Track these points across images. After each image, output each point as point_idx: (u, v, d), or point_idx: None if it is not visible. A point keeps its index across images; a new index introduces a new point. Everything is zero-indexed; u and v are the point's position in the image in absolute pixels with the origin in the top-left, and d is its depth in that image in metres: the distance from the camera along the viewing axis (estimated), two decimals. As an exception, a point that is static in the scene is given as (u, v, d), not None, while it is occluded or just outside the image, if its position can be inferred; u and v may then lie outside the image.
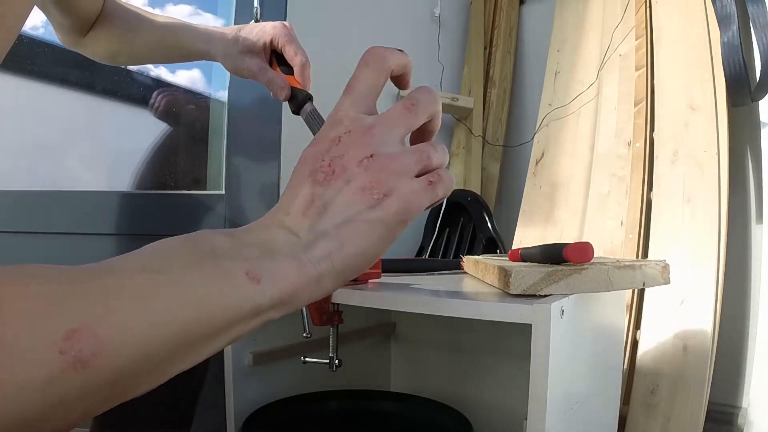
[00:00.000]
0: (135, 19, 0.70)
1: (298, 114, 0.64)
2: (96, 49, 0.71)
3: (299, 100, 0.63)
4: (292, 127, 0.99)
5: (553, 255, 0.50)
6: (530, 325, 0.40)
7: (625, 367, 1.00)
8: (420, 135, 0.36)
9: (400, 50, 0.36)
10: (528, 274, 0.44)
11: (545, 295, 0.44)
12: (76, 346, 0.22)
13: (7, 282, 0.23)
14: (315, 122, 0.62)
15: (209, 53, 0.68)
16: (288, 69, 0.66)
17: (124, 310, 0.24)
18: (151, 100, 1.03)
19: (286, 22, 0.68)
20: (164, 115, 1.04)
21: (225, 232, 0.30)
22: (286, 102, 0.65)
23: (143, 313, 0.24)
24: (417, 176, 0.32)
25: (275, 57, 0.68)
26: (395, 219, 0.31)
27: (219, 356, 0.66)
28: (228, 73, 1.00)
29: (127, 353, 0.24)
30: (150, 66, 1.04)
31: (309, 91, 0.65)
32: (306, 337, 0.65)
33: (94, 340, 0.23)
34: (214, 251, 0.28)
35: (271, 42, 0.66)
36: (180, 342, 0.26)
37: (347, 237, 0.30)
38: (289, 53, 0.66)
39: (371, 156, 0.31)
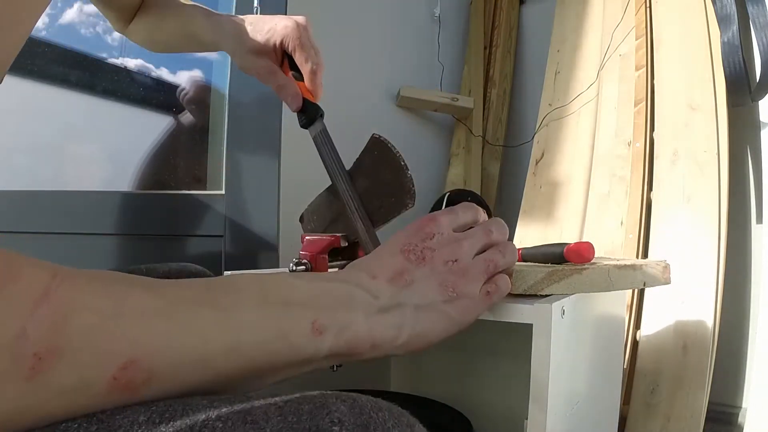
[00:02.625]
0: (165, 6, 0.68)
1: (305, 128, 0.60)
2: (138, 36, 0.71)
3: (310, 115, 0.59)
4: (292, 126, 0.99)
5: (554, 255, 0.50)
6: (531, 325, 0.40)
7: (625, 367, 1.00)
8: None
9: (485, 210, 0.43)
10: (528, 274, 0.44)
11: (546, 295, 0.44)
12: (130, 375, 0.24)
13: (84, 289, 0.24)
14: (323, 144, 0.58)
15: (218, 46, 0.65)
16: (300, 74, 0.61)
17: (183, 347, 0.25)
18: (180, 87, 1.02)
19: (300, 19, 0.61)
20: (192, 102, 1.03)
21: (305, 276, 0.33)
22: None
23: (202, 352, 0.26)
24: (487, 278, 0.38)
25: (288, 59, 0.62)
26: (458, 317, 0.36)
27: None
28: (228, 74, 1.00)
29: (174, 386, 0.25)
30: (151, 66, 1.04)
31: (319, 102, 0.60)
32: None
33: (147, 374, 0.24)
34: (287, 296, 0.30)
35: (282, 42, 0.60)
36: (230, 378, 0.27)
37: (422, 317, 0.34)
38: (300, 59, 0.60)
39: (455, 261, 0.37)
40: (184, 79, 1.06)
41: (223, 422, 0.22)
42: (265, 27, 0.61)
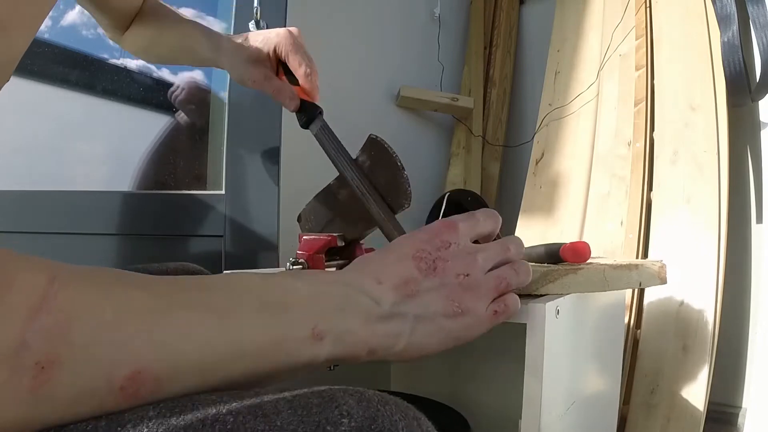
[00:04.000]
0: (164, 19, 0.70)
1: (306, 128, 0.62)
2: (133, 46, 0.72)
3: (309, 114, 0.61)
4: (293, 126, 0.99)
5: (550, 255, 0.50)
6: (525, 324, 0.40)
7: (625, 367, 1.00)
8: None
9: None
10: (524, 273, 0.44)
11: (541, 295, 0.44)
12: (137, 384, 0.24)
13: (82, 293, 0.23)
14: (327, 138, 0.59)
15: (216, 62, 0.67)
16: (295, 79, 0.63)
17: (186, 354, 0.25)
18: (172, 88, 1.03)
19: (293, 29, 0.64)
20: (184, 103, 1.03)
21: (307, 277, 0.32)
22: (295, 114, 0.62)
23: (205, 357, 0.26)
24: (496, 296, 0.37)
25: (282, 66, 0.64)
26: (459, 333, 0.36)
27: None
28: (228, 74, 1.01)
29: (178, 389, 0.25)
30: (153, 67, 1.04)
31: (317, 102, 0.62)
32: None
33: (154, 384, 0.24)
34: (286, 300, 0.30)
35: (275, 50, 0.63)
36: (231, 380, 0.28)
37: (420, 329, 0.34)
38: (293, 63, 0.62)
39: (467, 275, 0.36)
40: (182, 79, 1.06)
41: (233, 416, 0.22)
42: (259, 38, 0.64)
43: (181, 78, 1.05)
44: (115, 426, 0.22)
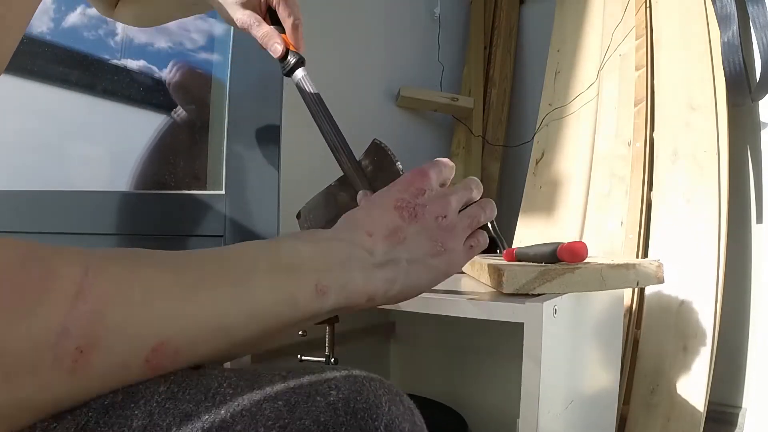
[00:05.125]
0: None
1: (288, 76, 0.63)
2: (126, 16, 0.73)
3: (292, 63, 0.62)
4: (293, 126, 0.99)
5: (548, 254, 0.50)
6: (522, 323, 0.40)
7: (625, 367, 1.00)
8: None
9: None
10: (520, 273, 0.44)
11: (538, 294, 0.44)
12: (160, 356, 0.26)
13: (113, 279, 0.26)
14: (307, 88, 0.61)
15: (206, 2, 0.67)
16: (282, 28, 0.64)
17: (205, 323, 0.28)
18: (166, 71, 1.02)
19: None
20: (178, 87, 1.03)
21: (309, 238, 0.36)
22: (280, 63, 0.63)
23: (221, 325, 0.29)
24: (470, 232, 0.41)
25: (270, 13, 0.65)
26: (444, 269, 0.39)
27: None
28: (228, 73, 1.00)
29: (195, 357, 0.28)
30: (154, 68, 1.04)
31: (302, 54, 0.63)
32: (302, 336, 0.65)
33: (174, 353, 0.27)
34: (293, 261, 0.33)
35: None
36: (245, 343, 0.30)
37: (412, 271, 0.37)
38: (282, 13, 0.64)
39: (444, 217, 0.40)
40: (172, 65, 1.05)
41: (233, 389, 0.25)
42: None
43: (175, 64, 1.04)
44: (128, 402, 0.25)
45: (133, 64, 1.03)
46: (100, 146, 1.05)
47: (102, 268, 0.25)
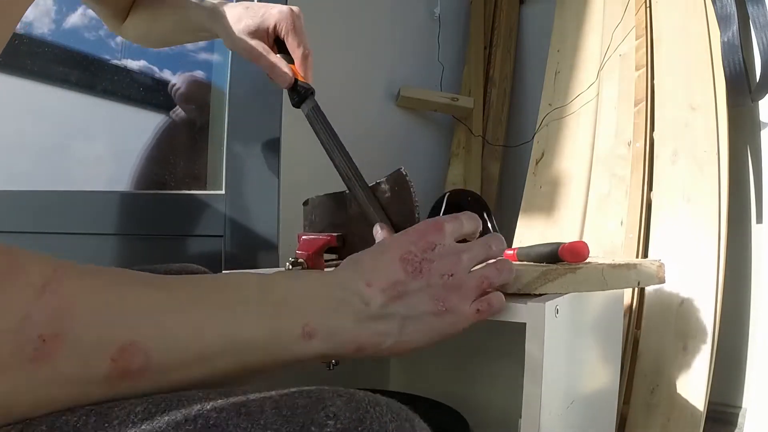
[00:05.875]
0: (159, 1, 0.71)
1: (298, 107, 0.63)
2: (133, 33, 0.73)
3: (302, 94, 0.62)
4: (293, 126, 0.99)
5: (549, 254, 0.50)
6: (524, 324, 0.40)
7: (625, 367, 1.00)
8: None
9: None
10: (522, 273, 0.44)
11: (540, 294, 0.44)
12: (127, 357, 0.24)
13: (86, 280, 0.25)
14: (317, 119, 0.60)
15: (212, 30, 0.67)
16: (290, 57, 0.64)
17: (180, 339, 0.26)
18: (172, 82, 1.02)
19: (295, 8, 0.65)
20: (184, 98, 1.03)
21: (302, 278, 0.34)
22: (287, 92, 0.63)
23: (198, 346, 0.27)
24: (479, 294, 0.39)
25: (277, 43, 0.65)
26: (444, 330, 0.37)
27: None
28: (228, 74, 1.00)
29: (171, 379, 0.26)
30: (155, 68, 1.04)
31: (311, 84, 0.63)
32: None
33: (144, 359, 0.25)
34: (281, 298, 0.31)
35: (275, 27, 0.64)
36: (224, 375, 0.29)
37: (408, 328, 0.36)
38: (292, 44, 0.63)
39: (451, 275, 0.37)
40: (182, 76, 1.06)
41: (217, 413, 0.23)
42: (260, 11, 0.64)
43: (182, 75, 1.05)
44: (102, 422, 0.23)
45: (134, 64, 1.03)
46: (101, 146, 1.04)
47: (73, 271, 0.25)
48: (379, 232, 0.52)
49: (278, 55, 0.63)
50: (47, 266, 0.24)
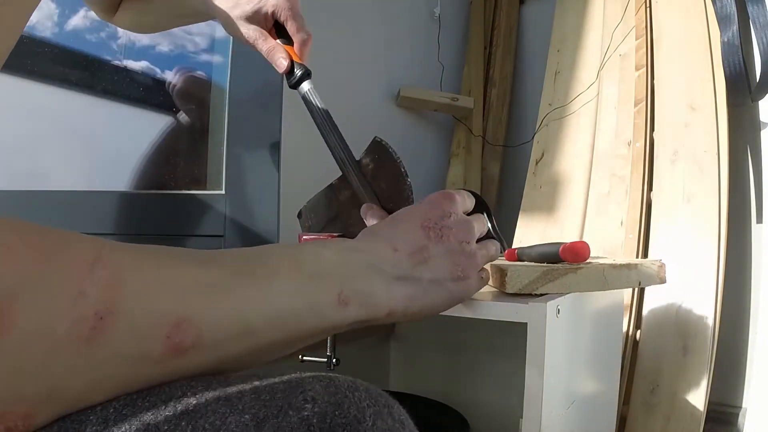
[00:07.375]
0: None
1: (295, 89, 0.63)
2: (126, 21, 0.72)
3: (299, 76, 0.62)
4: (293, 126, 0.99)
5: (550, 254, 0.50)
6: (526, 323, 0.40)
7: (625, 367, 1.00)
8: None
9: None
10: (524, 273, 0.44)
11: (541, 294, 0.44)
12: (182, 334, 0.24)
13: (133, 255, 0.25)
14: (313, 101, 0.61)
15: (210, 14, 0.66)
16: (287, 41, 0.64)
17: (229, 311, 0.27)
18: (169, 78, 1.02)
19: None
20: (182, 94, 1.02)
21: (333, 246, 0.35)
22: (285, 75, 0.63)
23: (245, 318, 0.27)
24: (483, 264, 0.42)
25: (275, 27, 0.65)
26: (460, 296, 0.39)
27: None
28: (228, 74, 1.00)
29: (218, 354, 0.26)
30: (156, 69, 1.04)
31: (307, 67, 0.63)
32: None
33: (197, 335, 0.25)
34: (316, 268, 0.32)
35: (273, 13, 0.63)
36: (267, 346, 0.29)
37: (431, 291, 0.37)
38: (291, 28, 0.64)
39: (468, 242, 0.40)
40: (176, 74, 1.05)
41: (197, 398, 0.23)
42: None
43: (180, 72, 1.05)
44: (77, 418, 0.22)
45: (135, 65, 1.03)
46: (101, 146, 1.04)
47: (117, 245, 0.24)
48: (367, 212, 0.53)
49: (277, 40, 0.64)
50: (94, 242, 0.24)
